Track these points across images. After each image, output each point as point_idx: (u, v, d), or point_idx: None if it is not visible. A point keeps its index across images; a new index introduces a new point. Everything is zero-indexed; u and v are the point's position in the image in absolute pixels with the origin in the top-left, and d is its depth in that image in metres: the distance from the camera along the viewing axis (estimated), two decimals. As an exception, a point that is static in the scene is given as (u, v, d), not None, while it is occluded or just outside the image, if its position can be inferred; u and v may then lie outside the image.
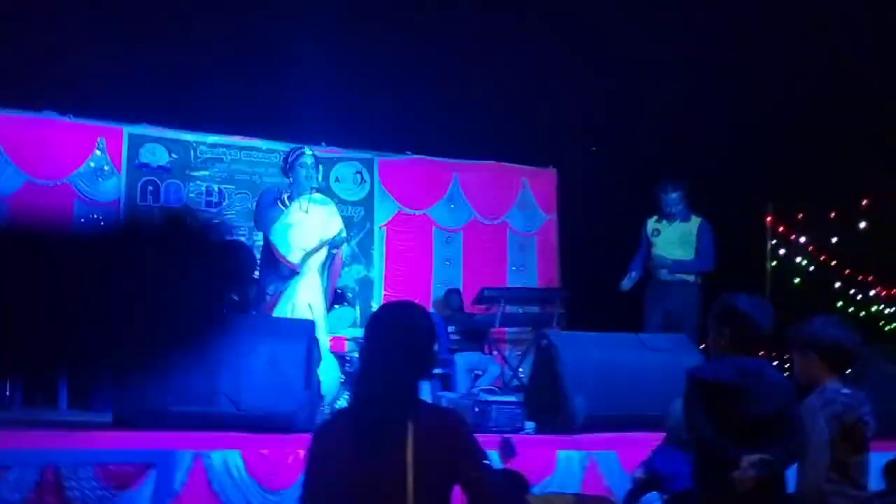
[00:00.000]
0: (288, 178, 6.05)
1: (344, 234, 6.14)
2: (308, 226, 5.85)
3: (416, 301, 2.54)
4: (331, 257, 6.08)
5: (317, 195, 6.11)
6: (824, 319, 3.09)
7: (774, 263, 8.52)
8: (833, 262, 9.69)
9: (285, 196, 5.86)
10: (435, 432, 2.29)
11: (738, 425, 2.87)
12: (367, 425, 2.28)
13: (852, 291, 10.38)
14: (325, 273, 6.04)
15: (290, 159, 6.00)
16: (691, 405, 2.99)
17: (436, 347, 2.58)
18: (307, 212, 5.87)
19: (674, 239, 6.92)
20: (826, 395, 2.94)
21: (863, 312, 10.61)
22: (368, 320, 2.47)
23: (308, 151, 6.03)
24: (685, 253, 6.85)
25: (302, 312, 5.56)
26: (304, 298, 5.68)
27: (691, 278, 6.82)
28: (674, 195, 6.90)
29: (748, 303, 3.05)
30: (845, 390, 2.98)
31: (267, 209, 5.81)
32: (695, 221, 6.96)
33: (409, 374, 2.36)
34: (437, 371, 7.95)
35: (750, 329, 3.00)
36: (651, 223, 7.04)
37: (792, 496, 3.23)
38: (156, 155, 8.68)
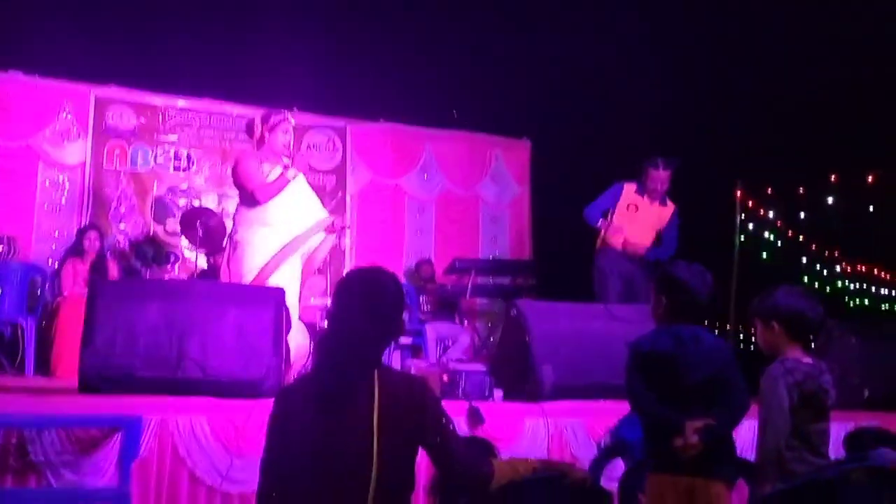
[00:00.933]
0: (261, 139, 5.70)
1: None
2: (299, 192, 5.73)
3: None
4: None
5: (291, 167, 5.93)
6: (787, 289, 3.13)
7: (743, 238, 8.59)
8: (800, 238, 9.80)
9: (265, 163, 5.64)
10: (400, 397, 2.29)
11: (679, 393, 2.94)
12: (331, 389, 2.27)
13: (818, 267, 10.52)
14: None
15: (271, 122, 5.65)
16: (632, 377, 3.06)
17: (405, 316, 2.57)
18: (294, 178, 5.71)
19: (649, 221, 6.72)
20: (787, 363, 2.98)
21: (828, 288, 10.77)
22: (337, 284, 2.46)
23: (291, 119, 5.86)
24: (644, 235, 6.69)
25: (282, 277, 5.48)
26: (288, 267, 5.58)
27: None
28: (664, 173, 6.64)
29: (686, 271, 3.10)
30: (806, 359, 3.03)
31: (257, 171, 5.57)
32: (670, 207, 6.79)
33: (375, 339, 2.35)
34: (407, 340, 7.98)
35: (686, 297, 3.05)
36: (630, 193, 6.72)
37: (748, 461, 3.30)
38: (123, 118, 8.55)
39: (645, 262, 6.58)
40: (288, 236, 5.55)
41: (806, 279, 10.07)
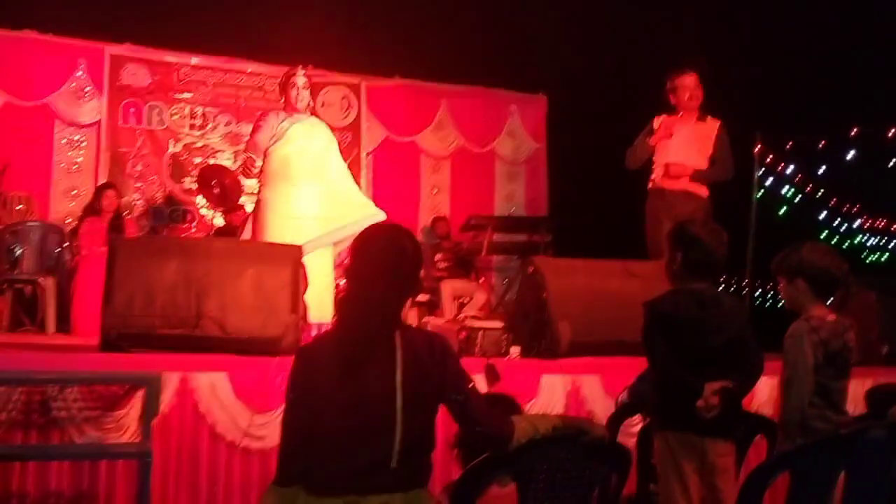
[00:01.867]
0: (284, 99, 5.84)
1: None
2: (314, 153, 5.76)
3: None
4: None
5: (314, 119, 5.96)
6: (812, 246, 3.10)
7: (761, 193, 8.50)
8: (819, 192, 9.71)
9: (284, 120, 5.73)
10: (421, 355, 2.29)
11: (699, 355, 2.92)
12: (352, 348, 2.27)
13: (836, 222, 10.44)
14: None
15: (282, 80, 5.82)
16: (652, 338, 3.03)
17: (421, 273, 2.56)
18: (310, 137, 5.75)
19: (689, 140, 5.95)
20: (812, 321, 2.97)
21: (846, 243, 10.69)
22: (354, 241, 2.44)
23: (300, 72, 5.87)
24: (699, 159, 5.93)
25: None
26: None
27: (703, 190, 5.95)
28: (690, 78, 5.95)
29: (702, 229, 3.07)
30: (831, 317, 3.01)
31: (264, 132, 5.66)
32: (712, 124, 6.03)
33: (394, 298, 2.34)
34: (423, 297, 8.00)
35: (701, 255, 3.02)
36: (663, 121, 6.05)
37: (767, 418, 3.30)
38: (137, 76, 8.52)
39: (700, 202, 5.88)
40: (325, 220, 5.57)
41: (824, 234, 9.99)
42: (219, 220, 8.20)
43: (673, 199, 5.86)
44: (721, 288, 3.15)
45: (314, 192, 5.74)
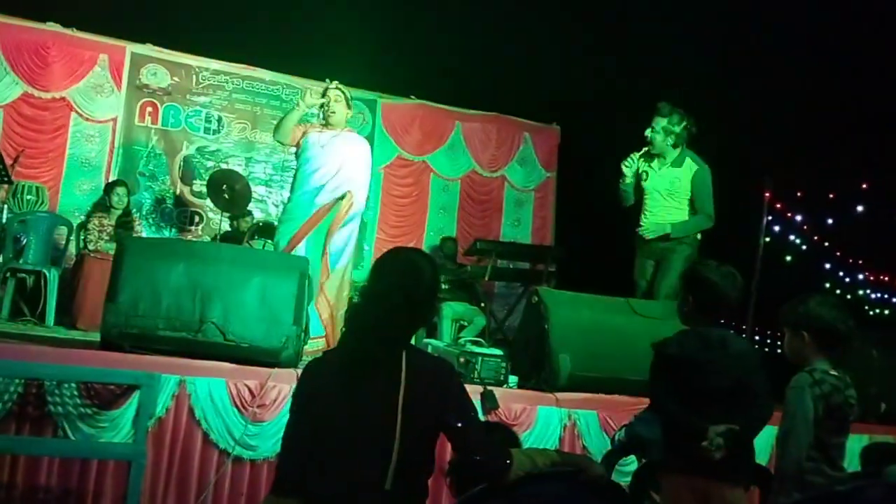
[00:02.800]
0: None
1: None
2: (330, 158, 5.76)
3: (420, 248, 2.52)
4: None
5: (347, 133, 5.98)
6: (820, 299, 3.09)
7: (768, 239, 8.51)
8: (826, 244, 9.72)
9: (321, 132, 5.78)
10: (426, 379, 2.29)
11: (704, 397, 2.92)
12: (357, 365, 2.28)
13: (841, 273, 10.44)
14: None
15: (321, 99, 5.94)
16: (657, 379, 3.02)
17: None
18: (323, 146, 5.76)
19: (661, 186, 5.86)
20: (815, 374, 2.96)
21: (850, 295, 10.69)
22: (376, 261, 2.46)
23: (331, 86, 5.94)
24: (676, 204, 5.81)
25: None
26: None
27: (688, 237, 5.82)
28: (664, 121, 5.77)
29: (716, 271, 3.05)
30: (833, 371, 3.00)
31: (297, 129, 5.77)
32: (689, 167, 5.84)
33: (406, 321, 2.35)
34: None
35: (714, 298, 3.02)
36: (641, 164, 5.92)
37: (764, 468, 3.28)
38: (157, 76, 8.56)
39: (672, 243, 5.77)
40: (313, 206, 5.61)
41: (828, 285, 9.99)
42: (225, 225, 8.21)
43: (646, 244, 5.88)
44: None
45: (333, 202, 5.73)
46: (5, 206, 7.27)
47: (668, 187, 5.86)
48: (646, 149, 5.95)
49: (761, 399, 2.97)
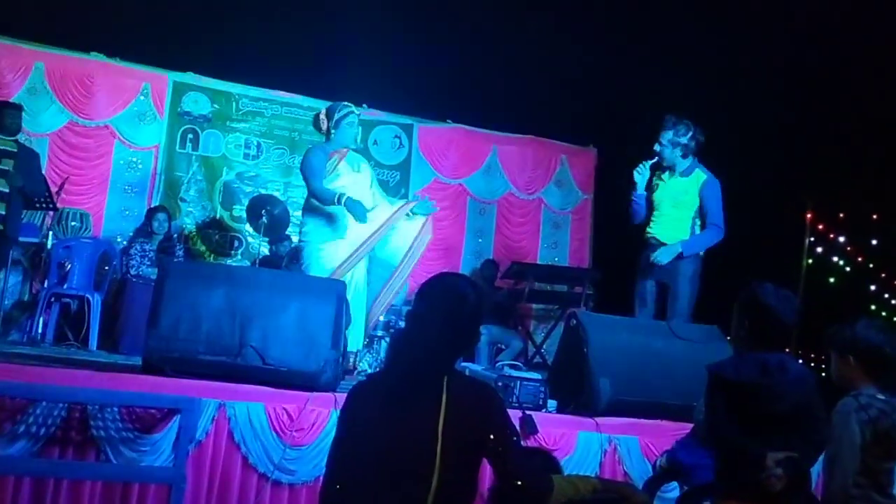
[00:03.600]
0: (328, 132, 5.89)
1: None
2: (363, 186, 5.87)
3: (461, 273, 2.52)
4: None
5: (358, 154, 6.11)
6: (867, 323, 3.02)
7: (811, 261, 8.39)
8: (870, 265, 9.53)
9: (334, 155, 5.81)
10: (468, 403, 2.29)
11: (762, 423, 2.82)
12: (401, 388, 2.28)
13: (887, 295, 10.23)
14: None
15: (336, 117, 5.82)
16: (713, 403, 2.94)
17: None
18: (359, 170, 5.86)
19: (669, 196, 5.82)
20: (861, 399, 2.89)
21: (895, 317, 10.46)
22: (421, 286, 2.46)
23: (356, 111, 5.98)
24: (680, 216, 5.75)
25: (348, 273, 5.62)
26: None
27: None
28: (669, 133, 5.76)
29: (773, 295, 2.96)
30: (881, 396, 2.93)
31: (321, 166, 5.73)
32: (697, 177, 5.78)
33: (448, 345, 2.35)
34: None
35: (771, 323, 2.93)
36: (648, 172, 5.88)
37: (814, 496, 3.20)
38: (198, 104, 8.72)
39: (694, 258, 5.70)
40: (356, 236, 5.68)
41: (873, 307, 9.79)
42: (265, 249, 8.29)
43: (655, 250, 5.75)
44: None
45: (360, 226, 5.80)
46: (50, 233, 7.41)
47: (676, 197, 5.81)
48: (655, 160, 5.91)
49: (820, 424, 2.87)
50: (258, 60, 8.48)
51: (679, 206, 5.78)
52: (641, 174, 5.87)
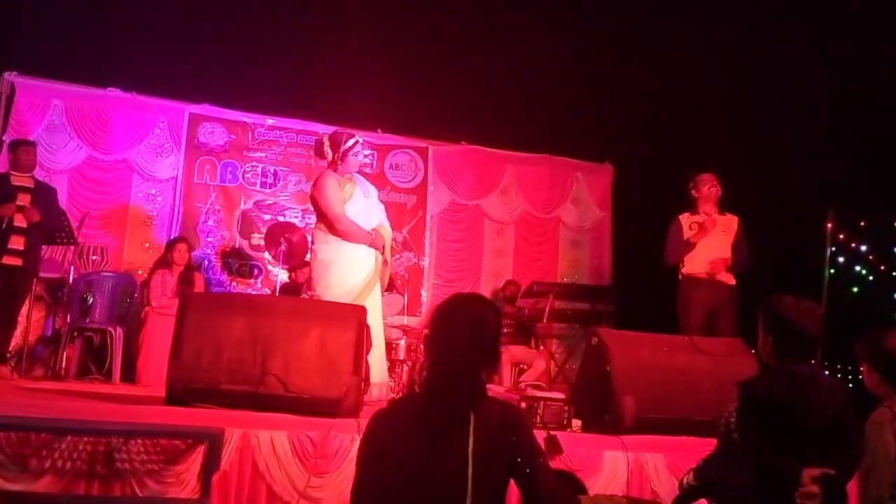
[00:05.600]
0: (333, 161, 5.82)
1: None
2: (373, 208, 5.93)
3: (479, 293, 2.50)
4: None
5: (357, 175, 6.09)
6: (889, 334, 2.98)
7: (833, 271, 8.29)
8: (894, 273, 9.40)
9: (345, 183, 5.82)
10: (496, 425, 2.27)
11: (796, 438, 2.77)
12: (429, 415, 2.26)
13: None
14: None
15: (342, 148, 5.77)
16: (746, 420, 2.89)
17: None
18: (368, 195, 5.93)
19: (718, 234, 6.53)
20: (894, 408, 2.85)
21: (922, 326, 10.30)
22: (437, 310, 2.45)
23: (360, 139, 5.98)
24: (726, 249, 6.51)
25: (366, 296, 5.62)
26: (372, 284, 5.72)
27: (731, 281, 6.45)
28: (709, 176, 6.61)
29: (794, 308, 2.94)
30: (914, 405, 2.89)
31: (338, 193, 5.74)
32: (731, 219, 6.63)
33: (475, 367, 2.33)
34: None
35: (795, 335, 2.91)
36: (688, 218, 6.65)
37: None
38: (214, 134, 8.79)
39: (730, 289, 6.40)
40: (372, 258, 5.69)
41: (899, 316, 9.64)
42: (284, 276, 8.32)
43: (703, 287, 6.38)
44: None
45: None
46: (72, 267, 7.48)
47: (722, 234, 6.50)
48: (690, 212, 6.65)
49: (854, 438, 2.83)
50: (272, 89, 8.55)
51: (722, 241, 6.48)
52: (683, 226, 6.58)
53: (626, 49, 8.46)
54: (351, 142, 5.81)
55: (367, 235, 5.70)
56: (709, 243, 6.46)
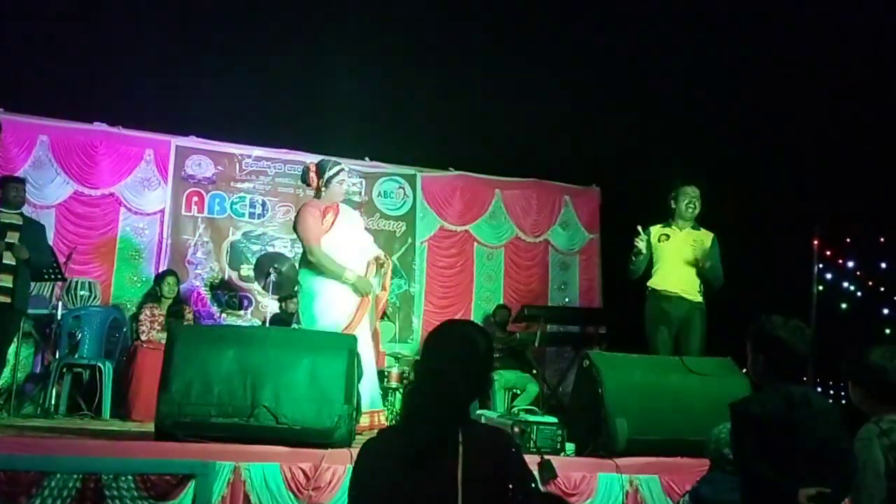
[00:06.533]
0: (318, 189, 5.84)
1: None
2: (358, 237, 5.91)
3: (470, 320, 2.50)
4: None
5: (345, 206, 6.10)
6: (871, 351, 2.99)
7: (821, 288, 8.34)
8: (881, 288, 9.45)
9: (326, 210, 5.79)
10: (485, 452, 2.25)
11: (791, 458, 2.77)
12: (418, 442, 2.25)
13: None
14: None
15: (326, 176, 5.78)
16: (742, 441, 2.88)
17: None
18: (352, 222, 5.94)
19: (685, 249, 6.21)
20: (883, 424, 2.85)
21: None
22: (428, 336, 2.44)
23: (346, 168, 5.99)
24: (691, 267, 6.17)
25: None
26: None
27: (698, 298, 6.16)
28: (692, 190, 6.29)
29: (782, 328, 2.94)
30: (902, 420, 2.89)
31: (317, 225, 5.71)
32: (706, 233, 6.30)
33: (463, 394, 2.32)
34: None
35: (785, 355, 2.91)
36: (659, 230, 6.37)
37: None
38: (201, 166, 8.79)
39: (698, 306, 6.14)
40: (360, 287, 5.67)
41: (888, 330, 9.69)
42: (274, 307, 8.29)
43: (669, 302, 6.14)
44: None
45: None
46: (60, 303, 7.44)
47: (692, 244, 6.20)
48: (662, 225, 6.40)
49: (848, 457, 2.82)
50: (258, 120, 8.57)
51: (693, 255, 6.16)
52: (643, 240, 6.29)
53: (612, 72, 8.53)
54: (335, 169, 5.81)
55: (339, 269, 5.57)
56: (677, 257, 6.21)
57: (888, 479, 2.80)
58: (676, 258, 6.20)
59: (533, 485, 2.32)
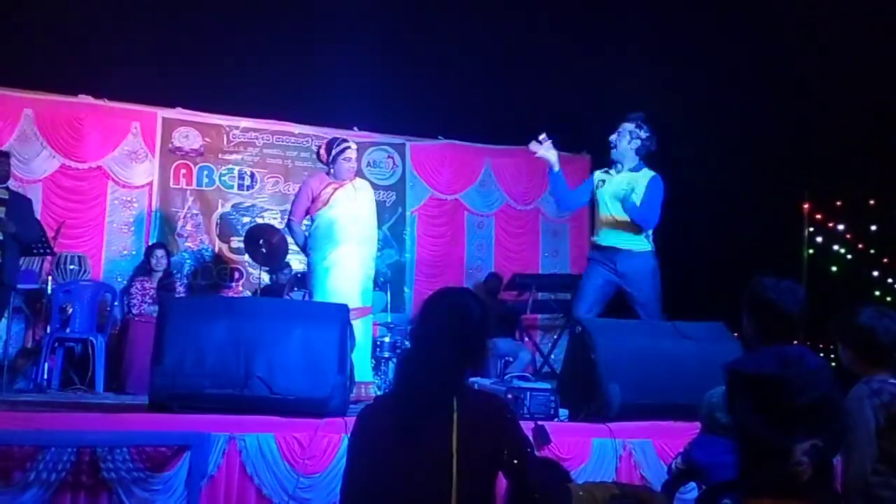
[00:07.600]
0: (327, 167, 6.04)
1: None
2: (357, 212, 5.97)
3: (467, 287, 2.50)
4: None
5: (357, 181, 6.16)
6: (859, 311, 3.00)
7: (812, 251, 8.37)
8: (871, 251, 9.50)
9: (329, 184, 5.91)
10: (480, 418, 2.26)
11: (785, 415, 2.78)
12: (411, 409, 2.26)
13: (890, 280, 10.19)
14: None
15: (333, 153, 5.97)
16: (736, 399, 2.89)
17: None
18: (356, 198, 5.97)
19: (617, 190, 5.67)
20: (873, 384, 2.87)
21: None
22: (423, 304, 2.44)
23: (353, 145, 6.07)
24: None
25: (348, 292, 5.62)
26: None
27: (642, 246, 5.60)
28: (632, 125, 5.74)
29: (773, 289, 2.92)
30: (892, 380, 2.91)
31: (304, 198, 5.89)
32: (645, 174, 5.69)
33: (457, 362, 2.32)
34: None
35: (776, 316, 2.89)
36: (600, 174, 5.91)
37: (838, 493, 3.16)
38: (189, 138, 8.72)
39: (645, 256, 5.60)
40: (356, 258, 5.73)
41: (878, 293, 9.75)
42: (265, 278, 8.28)
43: (613, 256, 5.61)
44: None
45: (358, 251, 5.85)
46: (50, 278, 7.41)
47: (624, 188, 5.64)
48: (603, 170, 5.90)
49: (840, 414, 2.84)
50: (246, 90, 8.49)
51: (627, 199, 5.61)
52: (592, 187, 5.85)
53: (601, 39, 8.47)
54: (341, 147, 6.00)
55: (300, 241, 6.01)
56: (605, 201, 5.74)
57: (878, 438, 2.82)
58: (610, 203, 5.71)
59: (529, 450, 2.33)
